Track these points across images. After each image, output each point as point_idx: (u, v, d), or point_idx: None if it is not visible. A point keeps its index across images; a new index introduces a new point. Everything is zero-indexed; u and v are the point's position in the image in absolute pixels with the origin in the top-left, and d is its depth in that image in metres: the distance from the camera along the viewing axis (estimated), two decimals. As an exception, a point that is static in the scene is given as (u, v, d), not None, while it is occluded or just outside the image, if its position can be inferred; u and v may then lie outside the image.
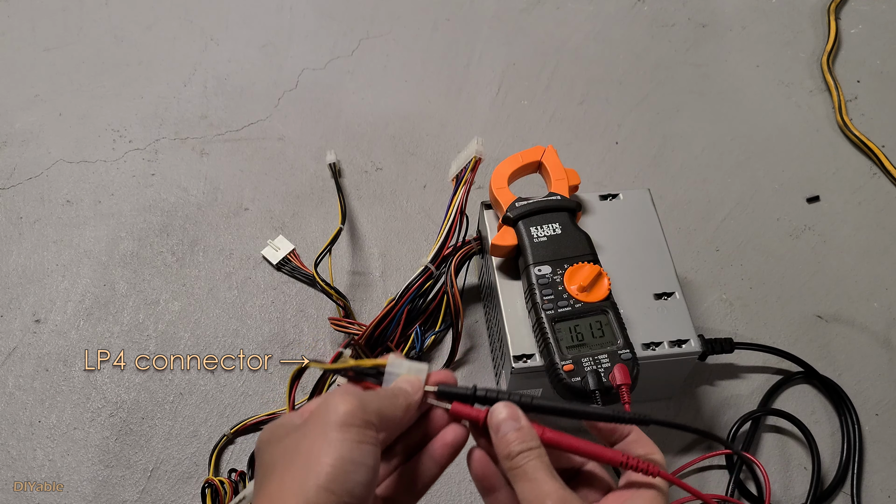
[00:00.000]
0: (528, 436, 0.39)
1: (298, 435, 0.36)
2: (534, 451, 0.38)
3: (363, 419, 0.36)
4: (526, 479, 0.38)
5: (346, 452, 0.34)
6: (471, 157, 0.64)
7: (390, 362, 0.42)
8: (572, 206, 0.62)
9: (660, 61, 0.96)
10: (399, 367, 0.42)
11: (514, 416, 0.40)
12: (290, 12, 1.01)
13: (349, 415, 0.35)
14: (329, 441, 0.34)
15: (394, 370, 0.42)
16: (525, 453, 0.38)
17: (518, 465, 0.38)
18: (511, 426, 0.39)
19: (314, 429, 0.36)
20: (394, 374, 0.42)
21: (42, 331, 0.72)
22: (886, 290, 0.76)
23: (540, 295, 0.57)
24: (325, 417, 0.36)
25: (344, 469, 0.34)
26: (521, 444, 0.38)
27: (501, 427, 0.39)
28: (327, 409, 0.36)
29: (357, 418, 0.36)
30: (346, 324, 0.68)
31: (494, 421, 0.40)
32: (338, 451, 0.34)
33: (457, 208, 0.63)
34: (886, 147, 0.86)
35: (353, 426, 0.35)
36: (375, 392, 0.39)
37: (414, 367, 0.42)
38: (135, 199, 0.82)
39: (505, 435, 0.39)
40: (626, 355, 0.53)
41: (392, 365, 0.42)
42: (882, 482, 0.64)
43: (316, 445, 0.35)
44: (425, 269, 0.63)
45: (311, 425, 0.36)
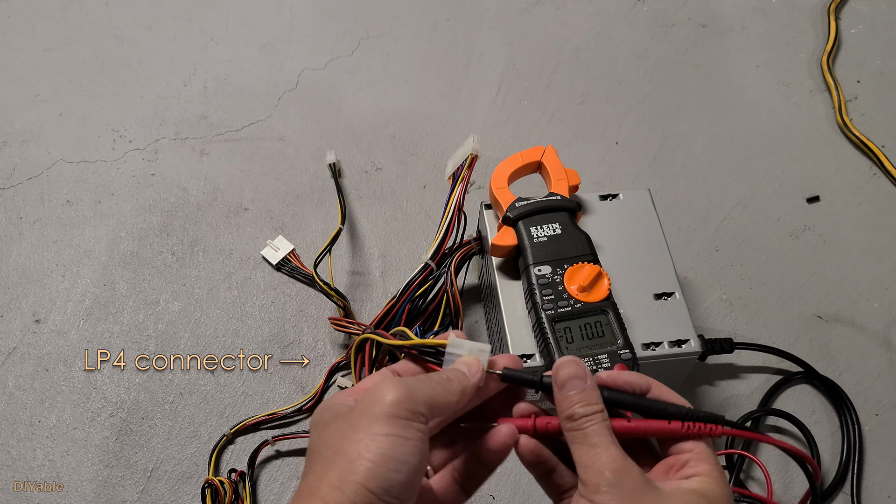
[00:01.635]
0: (593, 398, 0.37)
1: (344, 424, 0.35)
2: (597, 416, 0.37)
3: (410, 409, 0.34)
4: (586, 443, 0.36)
5: (388, 449, 0.33)
6: (467, 154, 0.64)
7: (451, 342, 0.40)
8: (572, 206, 0.62)
9: (660, 61, 0.96)
10: (460, 347, 0.40)
11: (581, 374, 0.38)
12: (290, 12, 1.01)
13: (396, 405, 0.34)
14: (372, 435, 0.33)
15: (454, 351, 0.40)
16: (588, 416, 0.36)
17: (580, 427, 0.36)
18: (578, 385, 0.37)
19: (360, 419, 0.34)
20: (454, 354, 0.40)
21: (42, 331, 0.72)
22: (886, 290, 0.76)
23: (540, 295, 0.57)
24: (371, 408, 0.34)
25: (385, 467, 0.33)
26: (585, 406, 0.37)
27: (567, 385, 0.38)
28: (374, 399, 0.35)
29: (404, 409, 0.34)
30: (346, 324, 0.68)
31: (560, 377, 0.38)
32: (380, 447, 0.33)
33: (454, 205, 0.63)
34: (886, 147, 0.86)
35: (398, 418, 0.34)
36: (428, 377, 0.37)
37: (475, 348, 0.40)
38: (135, 199, 0.82)
39: (569, 395, 0.37)
40: (626, 355, 0.53)
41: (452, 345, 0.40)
42: (882, 482, 0.65)
43: (359, 437, 0.33)
44: (425, 265, 0.63)
45: (357, 414, 0.35)
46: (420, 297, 0.66)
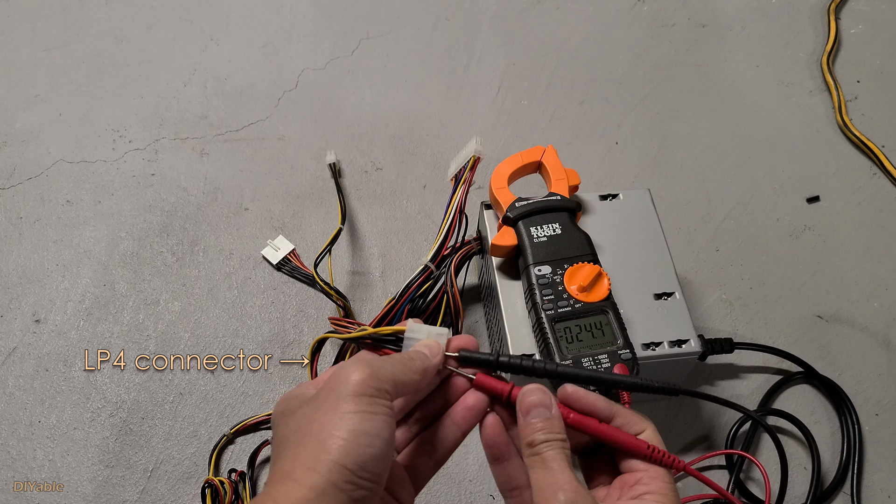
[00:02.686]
0: (555, 426, 0.38)
1: (311, 408, 0.35)
2: (557, 442, 0.37)
3: (376, 387, 0.35)
4: (543, 467, 0.37)
5: (359, 425, 0.33)
6: (470, 156, 0.64)
7: (409, 328, 0.41)
8: (572, 206, 0.62)
9: (660, 61, 0.96)
10: (418, 332, 0.41)
11: (546, 403, 0.38)
12: (290, 12, 1.01)
13: (361, 384, 0.35)
14: (341, 414, 0.34)
15: (413, 335, 0.41)
16: (548, 442, 0.37)
17: (538, 452, 0.37)
18: (541, 414, 0.38)
19: (326, 401, 0.35)
20: (413, 339, 0.41)
21: (42, 331, 0.72)
22: (886, 290, 0.76)
23: (540, 295, 0.57)
24: (337, 388, 0.35)
25: (357, 443, 0.33)
26: (546, 433, 0.38)
27: (532, 413, 0.38)
28: (339, 380, 0.35)
29: (369, 387, 0.35)
30: (346, 324, 0.68)
31: (525, 404, 0.39)
32: (350, 423, 0.33)
33: (456, 207, 0.63)
34: (886, 147, 0.86)
35: (365, 396, 0.34)
36: (390, 357, 0.38)
37: (434, 332, 0.41)
38: (135, 199, 0.82)
39: (532, 422, 0.38)
40: (626, 355, 0.53)
41: (411, 330, 0.41)
42: (882, 482, 0.65)
43: (328, 418, 0.34)
44: (425, 267, 0.63)
45: (323, 397, 0.35)
46: (420, 297, 0.66)
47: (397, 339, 0.41)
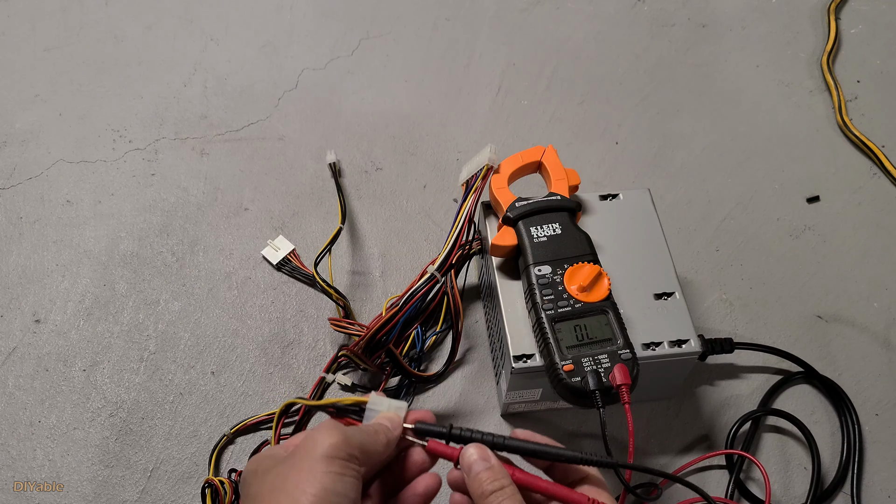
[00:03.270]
0: (498, 474, 0.40)
1: (284, 467, 0.38)
2: (506, 490, 0.39)
3: (347, 452, 0.37)
4: None
5: (329, 484, 0.36)
6: (483, 164, 0.64)
7: (371, 400, 0.45)
8: (572, 206, 0.62)
9: (660, 61, 0.96)
10: (379, 404, 0.44)
11: (485, 456, 0.41)
12: (290, 12, 1.01)
13: (334, 447, 0.37)
14: (313, 473, 0.36)
15: (374, 407, 0.44)
16: (497, 493, 0.39)
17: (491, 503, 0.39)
18: (482, 465, 0.41)
19: (299, 461, 0.37)
20: (374, 410, 0.44)
21: (42, 331, 0.72)
22: (886, 290, 0.76)
23: (540, 295, 0.57)
24: (311, 450, 0.37)
25: (327, 500, 0.35)
26: (492, 482, 0.40)
27: (473, 467, 0.41)
28: (314, 443, 0.37)
29: (341, 451, 0.37)
30: (346, 324, 0.68)
31: (466, 461, 0.41)
32: (321, 482, 0.36)
33: (465, 216, 0.62)
34: (886, 147, 0.86)
35: (337, 458, 0.37)
36: (358, 428, 0.41)
37: (394, 405, 0.44)
38: (135, 199, 0.82)
39: (477, 475, 0.40)
40: (626, 355, 0.53)
41: (373, 402, 0.44)
42: (882, 482, 0.65)
43: (301, 476, 0.36)
44: (431, 276, 0.63)
45: (296, 458, 0.37)
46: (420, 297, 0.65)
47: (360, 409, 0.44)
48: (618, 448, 0.65)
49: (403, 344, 0.69)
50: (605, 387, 0.52)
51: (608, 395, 0.52)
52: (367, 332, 0.62)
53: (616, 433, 0.65)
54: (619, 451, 0.64)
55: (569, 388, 0.52)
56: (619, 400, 0.52)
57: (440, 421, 0.45)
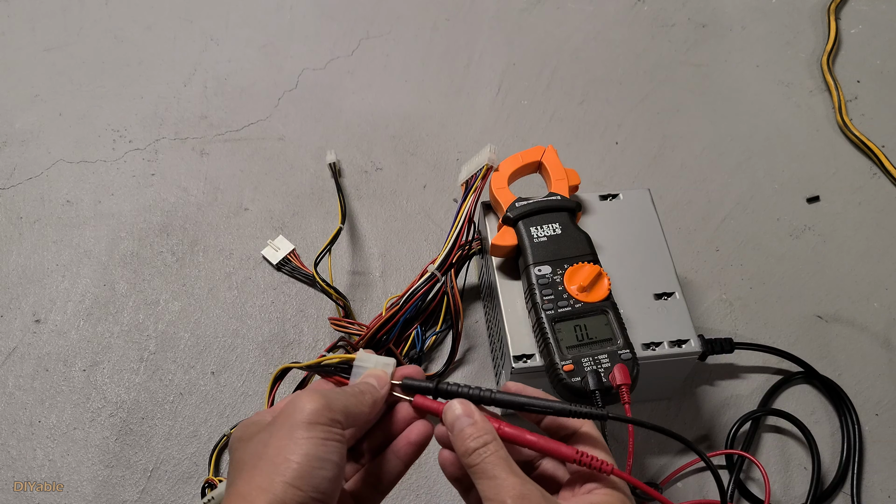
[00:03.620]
0: (482, 430, 0.39)
1: (266, 433, 0.37)
2: (490, 447, 0.38)
3: (329, 417, 0.37)
4: (485, 477, 0.37)
5: (312, 449, 0.35)
6: (482, 164, 0.64)
7: (358, 357, 0.44)
8: (572, 206, 0.62)
9: (660, 61, 0.96)
10: (367, 361, 0.44)
11: (468, 412, 0.40)
12: (290, 12, 1.01)
13: (315, 413, 0.36)
14: (295, 439, 0.35)
15: (362, 364, 0.44)
16: (481, 450, 0.38)
17: (475, 462, 0.38)
18: (465, 422, 0.39)
19: (281, 427, 0.37)
20: (361, 367, 0.44)
21: (42, 331, 0.72)
22: (886, 290, 0.76)
23: (540, 295, 0.57)
24: (293, 416, 0.36)
25: (310, 466, 0.35)
26: (476, 439, 0.39)
27: (456, 424, 0.40)
28: (294, 409, 0.37)
29: (323, 416, 0.37)
30: (346, 324, 0.68)
31: (449, 418, 0.40)
32: (304, 448, 0.35)
33: (465, 216, 0.62)
34: (886, 147, 0.86)
35: (318, 424, 0.36)
36: (342, 390, 0.40)
37: (381, 362, 0.44)
38: (135, 199, 0.82)
39: (461, 431, 0.39)
40: (626, 355, 0.53)
41: (360, 359, 0.44)
42: (882, 482, 0.65)
43: (283, 443, 0.36)
44: (431, 275, 0.63)
45: (278, 424, 0.37)
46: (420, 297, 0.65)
47: (348, 366, 0.45)
48: (618, 448, 0.65)
49: (403, 344, 0.69)
50: (605, 387, 0.52)
51: (608, 395, 0.52)
52: (367, 331, 0.62)
53: (616, 433, 0.65)
54: (620, 452, 0.64)
55: (569, 388, 0.52)
56: (619, 400, 0.52)
57: None
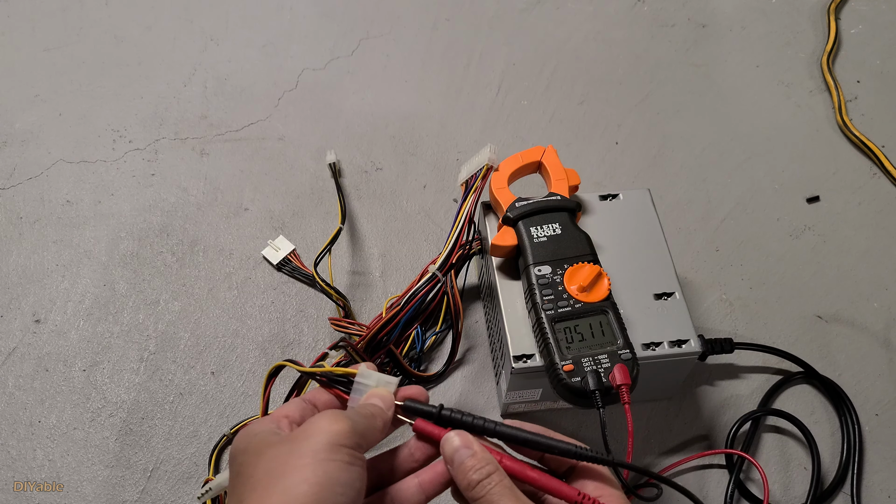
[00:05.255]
0: (483, 460, 0.38)
1: (283, 450, 0.36)
2: (493, 477, 0.37)
3: (354, 441, 0.36)
4: None
5: (335, 473, 0.34)
6: (482, 164, 0.64)
7: (361, 373, 0.42)
8: (572, 206, 0.62)
9: (660, 61, 0.96)
10: (368, 378, 0.42)
11: (467, 443, 0.39)
12: (290, 12, 1.01)
13: (340, 435, 0.36)
14: (318, 461, 0.34)
15: (363, 381, 0.42)
16: (484, 481, 0.37)
17: (480, 494, 0.37)
18: (465, 454, 0.38)
19: (303, 446, 0.35)
20: (364, 384, 0.42)
21: (42, 331, 0.72)
22: (886, 290, 0.76)
23: (540, 295, 0.57)
24: (315, 436, 0.36)
25: (332, 490, 0.34)
26: (478, 471, 0.38)
27: (455, 456, 0.39)
28: (317, 428, 0.36)
29: (349, 439, 0.36)
30: (346, 324, 0.68)
31: (447, 451, 0.39)
32: (326, 471, 0.34)
33: (465, 216, 0.62)
34: (886, 147, 0.86)
35: (343, 447, 0.35)
36: (359, 413, 0.39)
37: (384, 380, 0.42)
38: (135, 199, 0.82)
39: (461, 463, 0.38)
40: (626, 355, 0.53)
41: (362, 375, 0.42)
42: (882, 482, 0.65)
43: (303, 463, 0.34)
44: (432, 276, 0.63)
45: (298, 442, 0.36)
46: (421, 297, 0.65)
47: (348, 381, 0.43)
48: (617, 448, 0.65)
49: (403, 344, 0.69)
50: (605, 387, 0.52)
51: (608, 395, 0.52)
52: (368, 332, 0.62)
53: (616, 433, 0.65)
54: (619, 452, 0.64)
55: (569, 388, 0.52)
56: (619, 400, 0.52)
57: None
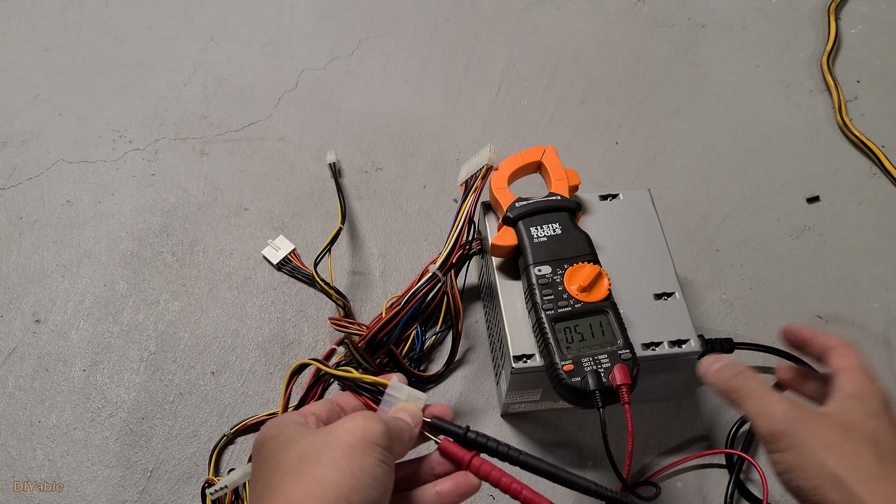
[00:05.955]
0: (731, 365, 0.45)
1: (320, 440, 0.37)
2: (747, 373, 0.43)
3: (388, 443, 0.38)
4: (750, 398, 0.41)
5: (369, 468, 0.36)
6: (482, 164, 0.64)
7: (392, 385, 0.44)
8: (572, 207, 0.62)
9: (660, 61, 0.96)
10: (399, 391, 0.43)
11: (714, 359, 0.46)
12: (290, 12, 1.01)
13: (377, 435, 0.37)
14: (354, 456, 0.36)
15: (394, 394, 0.43)
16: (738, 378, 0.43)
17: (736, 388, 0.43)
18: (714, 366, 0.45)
19: (339, 439, 0.37)
20: (394, 397, 0.43)
21: (42, 331, 0.72)
22: (886, 290, 0.76)
23: (540, 295, 0.57)
24: (353, 432, 0.37)
25: (366, 483, 0.35)
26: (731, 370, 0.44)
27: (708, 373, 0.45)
28: (355, 425, 0.38)
29: (383, 441, 0.38)
30: (346, 324, 0.68)
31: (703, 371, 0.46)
32: (361, 465, 0.36)
33: (465, 216, 0.62)
34: (886, 147, 0.86)
35: (378, 446, 0.37)
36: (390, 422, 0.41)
37: (413, 395, 0.44)
38: (135, 199, 0.82)
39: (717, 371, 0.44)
40: (626, 355, 0.53)
41: (393, 388, 0.43)
42: (882, 482, 0.64)
43: (340, 454, 0.36)
44: (433, 276, 0.63)
45: (335, 435, 0.37)
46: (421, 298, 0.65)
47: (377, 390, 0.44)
48: (618, 448, 0.65)
49: (403, 344, 0.69)
50: (606, 387, 0.52)
51: (608, 395, 0.52)
52: (368, 332, 0.62)
53: (616, 432, 0.65)
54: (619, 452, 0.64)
55: (569, 388, 0.52)
56: (619, 400, 0.52)
57: None
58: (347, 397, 0.46)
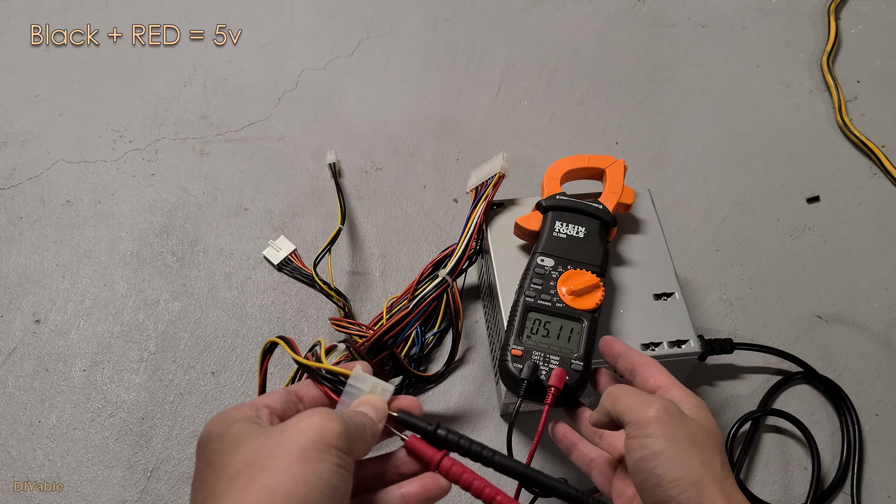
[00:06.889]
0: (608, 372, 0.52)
1: (270, 442, 0.34)
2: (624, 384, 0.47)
3: (346, 445, 0.35)
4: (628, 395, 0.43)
5: (325, 475, 0.33)
6: (494, 171, 0.64)
7: (355, 374, 0.40)
8: (606, 219, 0.59)
9: (660, 61, 0.96)
10: (363, 382, 0.40)
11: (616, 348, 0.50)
12: (290, 12, 1.01)
13: (334, 436, 0.34)
14: (307, 461, 0.33)
15: (356, 384, 0.40)
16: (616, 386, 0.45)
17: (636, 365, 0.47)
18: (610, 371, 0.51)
19: (292, 441, 0.34)
20: (356, 388, 0.40)
21: (42, 331, 0.72)
22: (886, 290, 0.76)
23: (529, 281, 0.56)
24: (307, 433, 0.34)
25: (320, 492, 0.33)
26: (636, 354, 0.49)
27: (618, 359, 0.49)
28: (310, 425, 0.34)
29: (340, 442, 0.34)
30: (346, 324, 0.68)
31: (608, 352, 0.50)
32: (315, 472, 0.33)
33: (476, 223, 0.62)
34: (886, 147, 0.86)
35: (336, 449, 0.34)
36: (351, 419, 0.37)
37: (379, 386, 0.40)
38: (135, 199, 0.82)
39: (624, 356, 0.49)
40: (576, 366, 0.51)
41: (356, 378, 0.40)
42: (882, 482, 0.65)
43: (292, 459, 0.33)
44: (443, 280, 0.63)
45: (287, 437, 0.34)
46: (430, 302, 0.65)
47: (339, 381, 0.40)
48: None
49: (403, 344, 0.69)
50: (536, 381, 0.50)
51: (535, 390, 0.50)
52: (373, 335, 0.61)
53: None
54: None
55: (505, 369, 0.51)
56: (542, 399, 0.50)
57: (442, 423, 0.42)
58: (308, 386, 0.42)
